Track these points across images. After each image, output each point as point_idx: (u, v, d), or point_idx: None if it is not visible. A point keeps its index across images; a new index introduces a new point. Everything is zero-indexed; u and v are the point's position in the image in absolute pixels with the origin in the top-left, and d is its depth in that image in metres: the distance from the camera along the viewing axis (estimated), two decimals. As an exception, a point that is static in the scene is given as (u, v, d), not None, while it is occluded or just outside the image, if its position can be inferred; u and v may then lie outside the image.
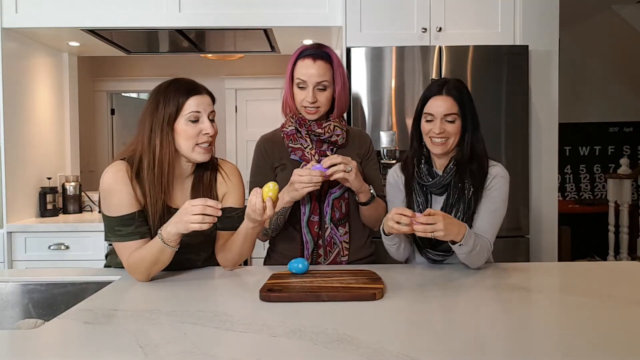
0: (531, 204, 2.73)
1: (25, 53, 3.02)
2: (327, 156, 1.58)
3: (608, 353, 0.94)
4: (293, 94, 1.66)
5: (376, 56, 2.64)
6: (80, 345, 1.03)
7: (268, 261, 1.78)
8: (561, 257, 3.93)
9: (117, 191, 1.45)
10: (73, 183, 3.23)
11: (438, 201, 1.61)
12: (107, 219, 1.47)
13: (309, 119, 1.66)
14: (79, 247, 2.84)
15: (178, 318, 1.13)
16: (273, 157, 1.71)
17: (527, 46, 2.68)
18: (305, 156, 1.66)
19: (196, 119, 1.47)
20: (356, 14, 2.75)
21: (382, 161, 2.47)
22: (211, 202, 1.36)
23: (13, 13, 2.83)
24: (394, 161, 2.47)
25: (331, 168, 1.51)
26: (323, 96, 1.64)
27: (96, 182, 1.85)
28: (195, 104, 1.47)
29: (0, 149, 2.81)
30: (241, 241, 1.51)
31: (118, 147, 4.95)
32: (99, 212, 1.85)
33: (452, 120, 1.55)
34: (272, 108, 4.56)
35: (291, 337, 1.01)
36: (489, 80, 2.65)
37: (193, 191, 1.56)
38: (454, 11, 2.76)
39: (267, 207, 1.40)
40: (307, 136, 1.67)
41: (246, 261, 1.82)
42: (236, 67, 4.97)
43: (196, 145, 1.48)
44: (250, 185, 1.63)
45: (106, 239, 1.49)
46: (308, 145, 1.67)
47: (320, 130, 1.66)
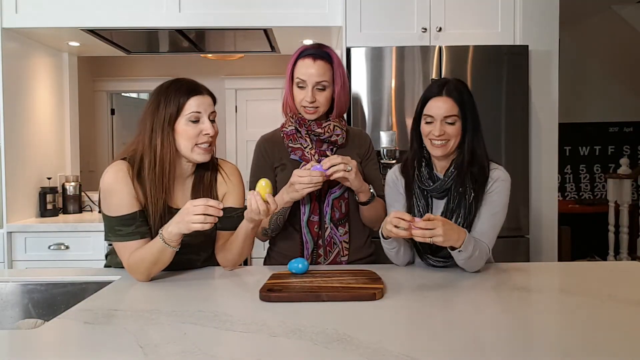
0: (531, 204, 2.73)
1: (25, 53, 3.02)
2: (327, 156, 1.58)
3: (608, 353, 0.94)
4: (293, 94, 1.66)
5: (376, 56, 2.64)
6: (80, 345, 1.03)
7: (268, 261, 1.78)
8: (561, 257, 3.93)
9: (118, 191, 1.45)
10: (73, 183, 3.24)
11: (439, 205, 1.57)
12: (108, 219, 1.47)
13: (308, 119, 1.66)
14: (79, 247, 2.84)
15: (178, 318, 1.13)
16: (273, 157, 1.71)
17: (527, 46, 2.68)
18: (305, 156, 1.66)
19: (197, 119, 1.47)
20: (356, 14, 2.75)
21: (382, 161, 2.47)
22: (213, 202, 1.36)
23: (13, 13, 2.83)
24: (394, 161, 2.47)
25: (331, 168, 1.50)
26: (322, 96, 1.64)
27: (96, 182, 1.85)
28: (196, 104, 1.47)
29: (0, 149, 2.81)
30: (241, 241, 1.51)
31: (118, 147, 4.95)
32: (99, 212, 1.85)
33: (452, 122, 1.51)
34: (272, 108, 4.55)
35: (291, 337, 1.01)
36: (489, 80, 2.65)
37: (193, 191, 1.56)
38: (454, 11, 2.76)
39: (271, 202, 1.41)
40: (307, 136, 1.67)
41: (246, 261, 1.82)
42: (236, 67, 4.97)
43: (196, 145, 1.48)
44: (250, 185, 1.63)
45: (106, 239, 1.49)
46: (308, 145, 1.67)
47: (320, 130, 1.66)
